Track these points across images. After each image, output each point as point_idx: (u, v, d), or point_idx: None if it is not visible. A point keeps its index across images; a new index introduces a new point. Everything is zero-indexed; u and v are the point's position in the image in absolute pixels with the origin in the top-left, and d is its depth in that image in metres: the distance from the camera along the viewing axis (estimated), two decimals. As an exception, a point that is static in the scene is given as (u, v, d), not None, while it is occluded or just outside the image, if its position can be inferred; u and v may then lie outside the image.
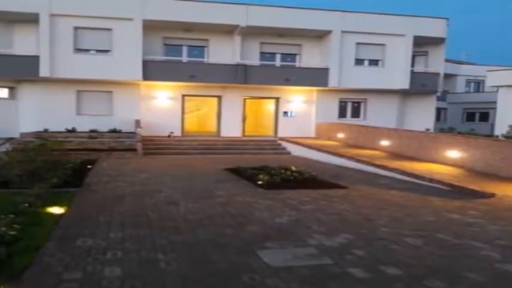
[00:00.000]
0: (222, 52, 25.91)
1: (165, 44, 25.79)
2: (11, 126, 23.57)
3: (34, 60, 22.75)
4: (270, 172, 13.96)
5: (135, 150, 20.82)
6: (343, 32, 26.14)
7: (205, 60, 26.20)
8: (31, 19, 22.88)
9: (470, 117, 41.69)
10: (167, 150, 22.09)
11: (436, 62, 28.59)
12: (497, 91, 29.65)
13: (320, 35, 26.83)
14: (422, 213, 9.52)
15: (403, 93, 28.46)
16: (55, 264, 5.78)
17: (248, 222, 8.25)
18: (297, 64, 27.39)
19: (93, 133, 22.90)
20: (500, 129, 25.12)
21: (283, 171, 14.21)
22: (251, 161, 18.69)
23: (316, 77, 26.16)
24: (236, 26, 24.75)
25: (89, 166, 16.24)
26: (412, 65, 27.85)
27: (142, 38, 23.79)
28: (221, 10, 24.51)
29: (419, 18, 27.26)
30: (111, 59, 23.81)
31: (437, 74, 28.15)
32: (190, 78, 24.39)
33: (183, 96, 26.15)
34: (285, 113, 27.44)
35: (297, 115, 27.50)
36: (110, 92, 25.01)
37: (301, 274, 5.54)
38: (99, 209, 9.24)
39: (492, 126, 31.86)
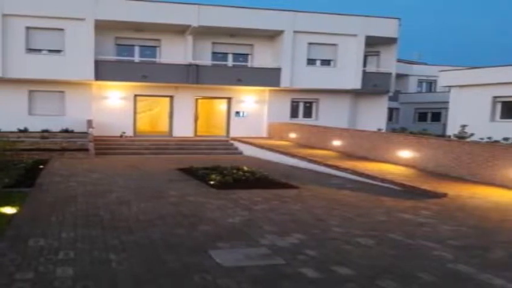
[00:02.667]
0: (174, 52, 28.68)
1: (117, 44, 28.51)
2: (-38, 127, 25.65)
3: (-14, 60, 25.10)
4: (222, 172, 15.19)
5: (87, 150, 22.98)
6: (295, 32, 28.93)
7: (157, 60, 28.99)
8: (-18, 19, 25.23)
9: (422, 117, 44.56)
10: (119, 150, 24.43)
11: (388, 62, 31.52)
12: (449, 91, 31.52)
13: (272, 35, 29.70)
14: (374, 213, 10.23)
15: (355, 93, 31.47)
16: (7, 264, 6.23)
17: (200, 222, 8.88)
18: (249, 64, 30.29)
19: (45, 133, 25.10)
20: (452, 129, 26.19)
21: (235, 171, 15.49)
22: (203, 160, 20.28)
23: (268, 77, 28.98)
24: (188, 26, 27.36)
25: (41, 166, 17.70)
26: (364, 65, 30.74)
27: (94, 38, 26.29)
28: (173, 10, 27.02)
29: (371, 18, 30.10)
30: (63, 59, 26.33)
31: (389, 74, 31.12)
32: (142, 78, 27.06)
33: (135, 96, 28.88)
34: (237, 113, 30.20)
35: (249, 115, 30.34)
36: (62, 92, 27.60)
37: (253, 274, 5.99)
38: (51, 209, 9.89)
39: (444, 126, 33.83)
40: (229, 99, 30.23)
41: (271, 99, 30.44)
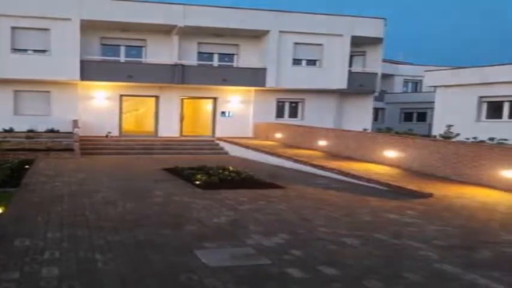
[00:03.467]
0: (160, 52, 28.61)
1: (103, 44, 28.38)
2: None
3: (-29, 60, 24.84)
4: (207, 172, 15.12)
5: (72, 150, 22.92)
6: (280, 32, 28.96)
7: (143, 60, 28.90)
8: (-32, 19, 25.01)
9: (408, 117, 44.85)
10: (105, 150, 24.40)
11: (373, 62, 31.67)
12: (434, 91, 31.62)
13: (258, 35, 29.69)
14: (360, 213, 10.23)
15: (341, 93, 31.50)
16: (-8, 264, 6.22)
17: (186, 222, 8.87)
18: (235, 64, 30.28)
19: (31, 133, 24.97)
20: (437, 129, 26.00)
21: (221, 171, 15.43)
22: (189, 161, 20.17)
23: (253, 77, 29.01)
24: (174, 26, 27.32)
25: (27, 166, 17.70)
26: (350, 65, 30.78)
27: (80, 38, 26.21)
28: (158, 10, 27.00)
29: (357, 18, 30.26)
30: (49, 59, 26.20)
31: (375, 74, 31.22)
32: (128, 78, 26.99)
33: (121, 96, 28.79)
34: (223, 113, 30.16)
35: (235, 115, 30.28)
36: (48, 92, 27.47)
37: (239, 274, 5.98)
38: (37, 209, 9.88)
39: (430, 126, 34.00)
40: (214, 99, 30.18)
41: (257, 99, 30.44)
